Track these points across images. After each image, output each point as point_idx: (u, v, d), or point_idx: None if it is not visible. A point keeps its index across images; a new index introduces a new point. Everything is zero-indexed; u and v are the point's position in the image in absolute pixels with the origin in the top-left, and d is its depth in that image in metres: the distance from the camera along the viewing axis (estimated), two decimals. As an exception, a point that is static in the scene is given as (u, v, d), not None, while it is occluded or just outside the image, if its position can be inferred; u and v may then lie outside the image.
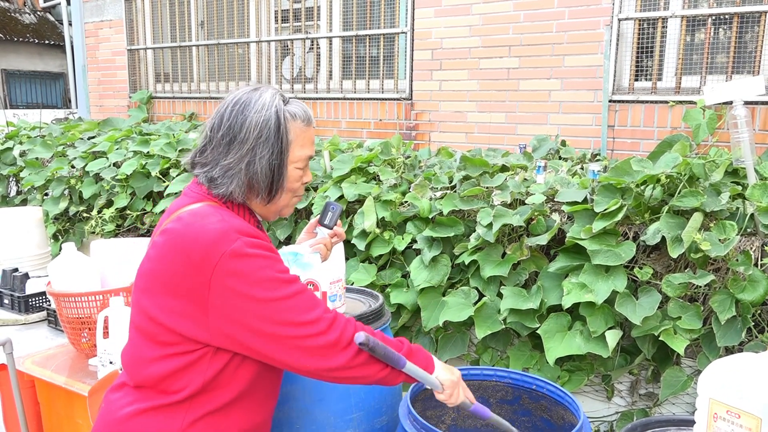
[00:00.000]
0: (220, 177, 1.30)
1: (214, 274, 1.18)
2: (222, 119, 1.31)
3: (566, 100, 3.72)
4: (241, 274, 1.19)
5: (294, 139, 1.34)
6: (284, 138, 1.31)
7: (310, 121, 1.38)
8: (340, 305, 1.84)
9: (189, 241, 1.21)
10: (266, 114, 1.30)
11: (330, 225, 1.58)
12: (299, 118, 1.34)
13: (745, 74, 3.29)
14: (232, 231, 1.21)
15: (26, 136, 4.90)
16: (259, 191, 1.32)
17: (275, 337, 1.21)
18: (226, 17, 5.25)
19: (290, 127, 1.33)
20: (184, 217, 1.26)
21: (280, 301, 1.20)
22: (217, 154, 1.30)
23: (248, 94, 1.32)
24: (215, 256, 1.18)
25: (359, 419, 1.75)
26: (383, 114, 4.44)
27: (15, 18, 11.37)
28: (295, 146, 1.34)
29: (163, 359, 1.25)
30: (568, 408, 1.67)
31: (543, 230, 2.44)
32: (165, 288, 1.23)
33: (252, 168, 1.29)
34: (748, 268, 2.06)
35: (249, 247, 1.21)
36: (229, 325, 1.21)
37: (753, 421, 1.25)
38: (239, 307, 1.19)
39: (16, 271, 2.86)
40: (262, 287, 1.19)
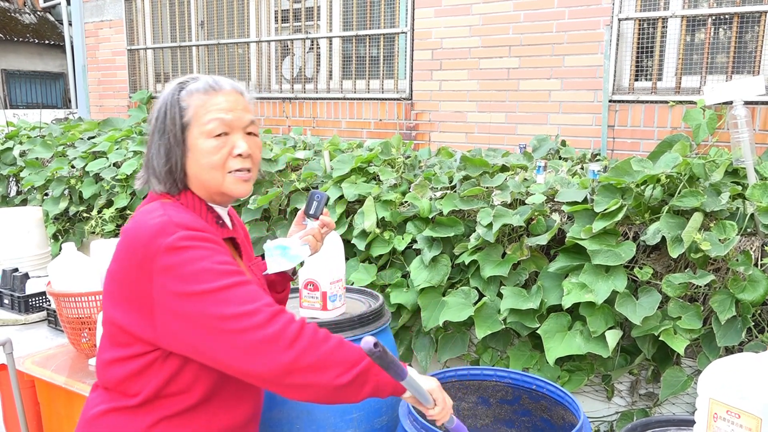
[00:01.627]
0: (142, 171, 1.32)
1: (153, 271, 1.15)
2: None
3: (566, 100, 3.72)
4: (174, 268, 1.14)
5: (195, 113, 1.26)
6: (177, 118, 1.26)
7: (214, 88, 1.29)
8: (340, 305, 1.84)
9: (132, 239, 1.19)
10: (160, 102, 1.29)
11: (315, 214, 1.52)
12: (197, 91, 1.28)
13: (745, 74, 3.29)
14: (170, 225, 1.18)
15: (26, 136, 4.89)
16: (160, 177, 1.28)
17: (211, 333, 1.12)
18: (226, 17, 5.25)
19: (187, 104, 1.27)
20: (134, 216, 1.27)
21: (214, 293, 1.13)
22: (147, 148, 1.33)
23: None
24: (153, 252, 1.15)
25: (359, 419, 1.75)
26: (383, 114, 4.44)
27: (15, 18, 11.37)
28: (197, 118, 1.26)
29: (120, 361, 1.24)
30: (568, 408, 1.67)
31: (543, 230, 2.44)
32: (119, 288, 1.21)
33: (150, 154, 1.29)
34: (748, 268, 2.06)
35: (185, 240, 1.16)
36: (171, 323, 1.15)
37: (753, 421, 1.25)
38: (175, 304, 1.14)
39: (16, 271, 2.86)
40: (195, 280, 1.13)
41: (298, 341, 1.13)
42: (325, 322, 1.76)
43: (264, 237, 3.18)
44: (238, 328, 1.11)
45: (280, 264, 1.47)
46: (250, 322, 1.12)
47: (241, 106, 1.32)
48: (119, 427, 1.25)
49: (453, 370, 1.85)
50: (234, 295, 1.14)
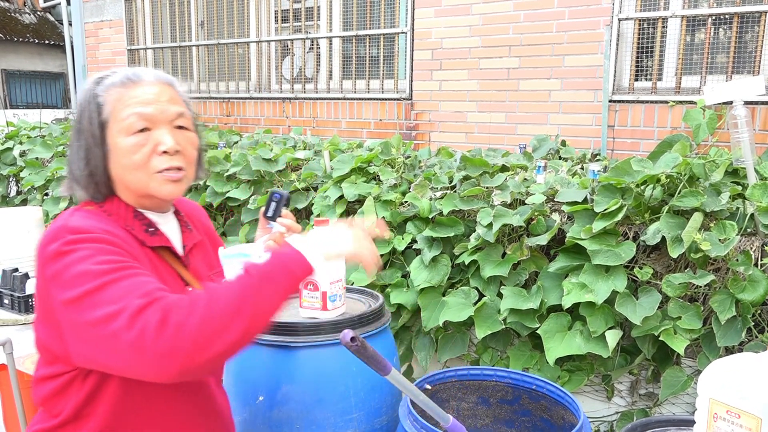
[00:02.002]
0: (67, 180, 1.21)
1: (46, 281, 1.06)
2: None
3: (566, 100, 3.72)
4: (58, 275, 1.04)
5: (113, 109, 1.15)
6: (94, 117, 1.15)
7: (132, 80, 1.17)
8: (340, 305, 1.84)
9: (36, 250, 1.11)
10: (78, 99, 1.20)
11: (273, 217, 1.39)
12: (114, 85, 1.16)
13: (745, 74, 3.29)
14: (62, 230, 1.08)
15: (26, 136, 4.89)
16: (79, 180, 1.18)
17: (90, 341, 1.01)
18: (226, 17, 5.25)
19: (104, 100, 1.15)
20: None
21: (89, 296, 1.01)
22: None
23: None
24: (43, 261, 1.07)
25: (359, 419, 1.75)
26: (383, 114, 4.44)
27: (15, 18, 11.37)
28: (116, 114, 1.15)
29: (46, 379, 1.16)
30: (568, 408, 1.67)
31: (543, 230, 2.44)
32: (37, 304, 1.14)
33: (68, 158, 1.20)
34: (748, 268, 2.06)
35: (68, 245, 1.05)
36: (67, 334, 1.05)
37: (753, 421, 1.25)
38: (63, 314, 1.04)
39: (16, 271, 2.86)
40: (72, 284, 1.02)
41: (161, 334, 0.96)
42: (324, 322, 1.76)
43: (264, 237, 3.18)
44: (107, 333, 0.98)
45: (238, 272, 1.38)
46: (114, 324, 0.98)
47: (166, 97, 1.19)
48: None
49: (453, 370, 1.85)
50: (106, 296, 1.00)
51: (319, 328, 1.75)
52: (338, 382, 1.72)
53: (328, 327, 1.75)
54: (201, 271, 1.33)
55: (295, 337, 1.72)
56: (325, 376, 1.72)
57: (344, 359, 1.74)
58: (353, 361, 1.74)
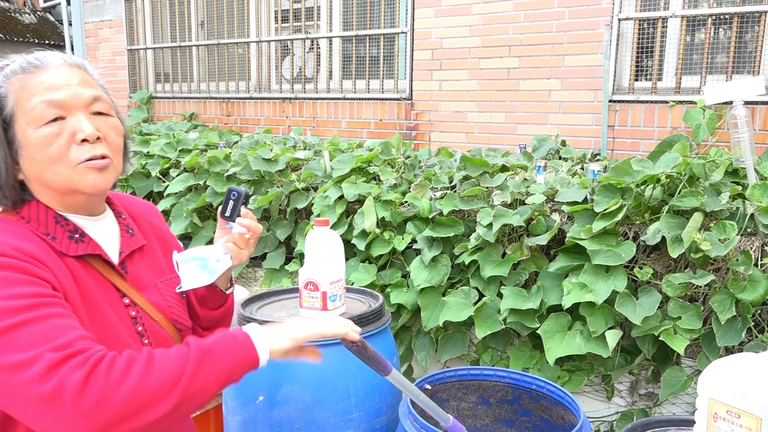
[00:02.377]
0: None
1: None
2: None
3: (566, 100, 3.72)
4: None
5: (18, 99, 1.02)
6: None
7: (35, 66, 1.06)
8: (340, 305, 1.84)
9: None
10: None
11: (231, 217, 1.25)
12: (14, 72, 1.05)
13: (745, 74, 3.29)
14: None
15: (26, 136, 4.89)
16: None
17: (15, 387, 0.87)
18: (226, 17, 5.25)
19: (6, 90, 1.03)
20: None
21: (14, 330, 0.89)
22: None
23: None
24: None
25: (359, 419, 1.75)
26: (383, 114, 4.44)
27: (15, 18, 11.37)
28: (21, 105, 1.02)
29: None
30: (568, 408, 1.67)
31: (543, 230, 2.44)
32: None
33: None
34: (748, 268, 2.06)
35: None
36: None
37: (753, 421, 1.25)
38: None
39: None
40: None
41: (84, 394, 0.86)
42: (325, 322, 1.76)
43: (264, 237, 3.18)
44: (19, 381, 0.87)
45: (198, 278, 1.24)
46: (27, 373, 0.86)
47: (77, 80, 1.07)
48: None
49: (453, 370, 1.85)
50: (19, 338, 0.89)
51: (319, 328, 1.74)
52: (338, 382, 1.72)
53: (328, 327, 1.75)
54: (144, 279, 1.20)
55: (295, 337, 1.72)
56: (325, 376, 1.72)
57: (344, 359, 1.74)
58: (353, 361, 1.74)
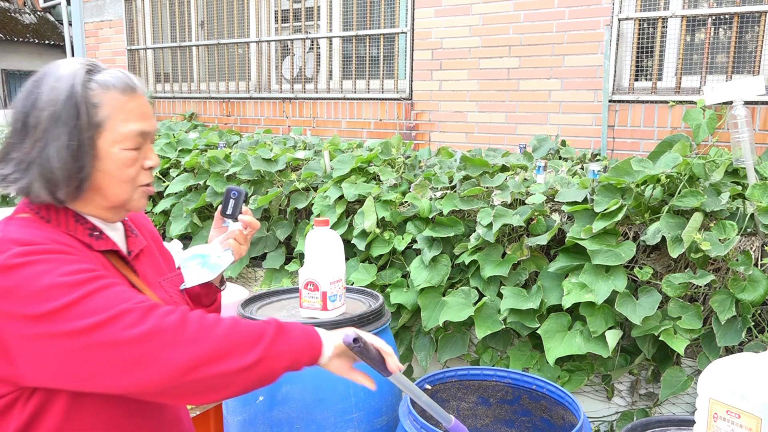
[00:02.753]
0: (11, 173, 1.07)
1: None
2: (17, 102, 1.07)
3: (566, 100, 3.72)
4: (13, 291, 0.94)
5: (111, 114, 1.07)
6: (87, 113, 1.05)
7: (132, 89, 1.11)
8: (340, 305, 1.84)
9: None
10: (59, 86, 1.05)
11: (233, 215, 1.34)
12: (114, 88, 1.08)
13: (745, 74, 3.29)
14: (3, 243, 0.99)
15: (26, 136, 4.89)
16: (58, 183, 1.06)
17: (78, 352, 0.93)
18: (226, 17, 5.25)
19: (101, 100, 1.07)
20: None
21: (67, 309, 0.94)
22: (8, 146, 1.07)
23: (45, 69, 1.09)
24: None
25: (359, 419, 1.75)
26: (383, 114, 4.44)
27: (15, 18, 11.37)
28: (114, 122, 1.08)
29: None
30: (568, 408, 1.67)
31: (543, 230, 2.44)
32: None
33: (44, 154, 1.04)
34: (748, 268, 2.06)
35: (18, 257, 0.96)
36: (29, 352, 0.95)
37: (753, 421, 1.25)
38: (28, 330, 0.94)
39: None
40: (40, 300, 0.94)
41: (182, 333, 0.96)
42: (325, 322, 1.76)
43: (264, 237, 3.18)
44: (109, 338, 0.93)
45: (200, 275, 1.32)
46: (120, 325, 0.94)
47: (151, 111, 1.16)
48: None
49: (453, 370, 1.85)
50: (93, 305, 0.95)
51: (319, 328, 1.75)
52: (338, 382, 1.72)
53: (328, 327, 1.75)
54: (150, 277, 1.25)
55: (295, 337, 1.72)
56: (325, 376, 1.70)
57: (344, 359, 1.74)
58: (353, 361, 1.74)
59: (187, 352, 0.95)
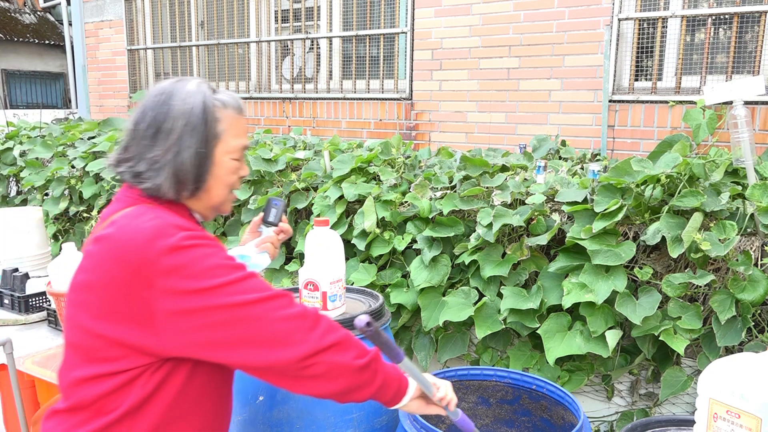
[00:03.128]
0: (146, 171, 1.22)
1: (154, 274, 1.09)
2: (145, 111, 1.24)
3: (566, 100, 3.72)
4: (182, 268, 1.10)
5: (227, 128, 1.27)
6: (212, 126, 1.25)
7: (241, 109, 1.32)
8: (340, 305, 1.84)
9: (124, 244, 1.12)
10: (192, 101, 1.23)
11: (275, 222, 1.52)
12: (230, 107, 1.29)
13: (745, 74, 3.29)
14: (168, 226, 1.13)
15: (26, 136, 4.89)
16: (186, 183, 1.24)
17: (235, 323, 1.10)
18: (226, 17, 5.25)
19: (221, 115, 1.26)
20: (117, 221, 1.18)
21: (232, 285, 1.11)
22: (141, 148, 1.23)
23: (172, 85, 1.26)
24: (153, 255, 1.09)
25: (359, 419, 1.75)
26: (383, 114, 4.44)
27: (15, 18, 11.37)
28: (228, 136, 1.28)
29: (100, 378, 1.15)
30: (568, 408, 1.67)
31: (543, 230, 2.44)
32: (105, 299, 1.13)
33: (179, 158, 1.22)
34: (748, 268, 2.06)
35: (188, 240, 1.12)
36: (181, 324, 1.10)
37: (753, 421, 1.25)
38: (189, 302, 1.09)
39: (16, 271, 2.86)
40: (208, 276, 1.10)
41: (320, 322, 1.15)
42: (325, 322, 1.76)
43: (264, 237, 3.18)
44: (264, 313, 1.12)
45: None
46: (275, 304, 1.13)
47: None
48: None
49: (453, 370, 1.85)
50: (251, 285, 1.14)
51: (319, 328, 1.75)
52: (338, 382, 1.72)
53: (328, 327, 1.75)
54: None
55: (295, 337, 1.72)
56: (325, 376, 1.72)
57: (344, 359, 1.74)
58: (353, 361, 1.74)
59: (324, 337, 1.13)
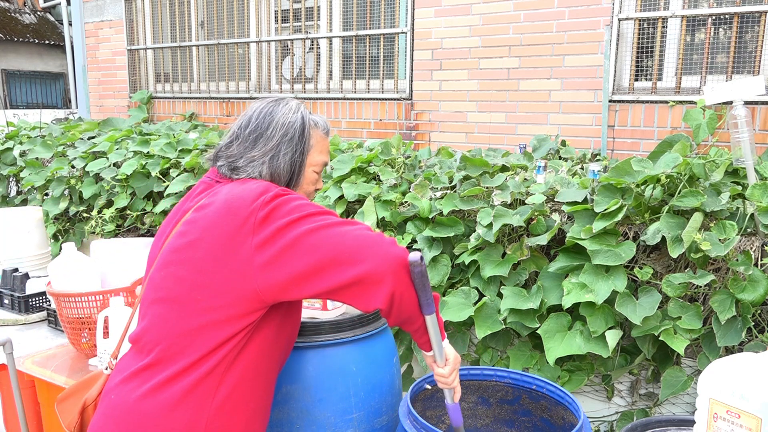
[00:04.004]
0: (243, 166, 1.44)
1: (258, 220, 1.26)
2: (250, 119, 1.47)
3: (566, 100, 3.72)
4: (283, 205, 1.29)
5: (314, 145, 1.50)
6: (307, 141, 1.48)
7: (328, 131, 1.56)
8: (340, 305, 1.84)
9: (238, 200, 1.30)
10: (293, 117, 1.47)
11: None
12: (320, 128, 1.53)
13: (745, 74, 3.29)
14: (271, 186, 1.36)
15: (26, 136, 4.89)
16: (279, 183, 1.44)
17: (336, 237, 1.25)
18: (226, 17, 5.25)
19: (312, 132, 1.50)
20: (222, 190, 1.37)
21: (325, 214, 1.30)
22: (243, 148, 1.45)
23: (276, 101, 1.50)
24: (260, 204, 1.28)
25: (359, 419, 1.75)
26: (383, 114, 4.44)
27: (15, 18, 11.37)
28: (315, 151, 1.51)
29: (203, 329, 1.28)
30: (568, 408, 1.67)
31: (543, 230, 2.44)
32: (213, 251, 1.28)
33: (275, 162, 1.44)
34: (748, 268, 2.06)
35: (283, 192, 1.34)
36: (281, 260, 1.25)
37: (753, 421, 1.25)
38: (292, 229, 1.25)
39: (16, 271, 2.86)
40: (304, 209, 1.29)
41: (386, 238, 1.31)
42: (325, 322, 1.76)
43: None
44: (357, 230, 1.27)
45: None
46: (353, 226, 1.29)
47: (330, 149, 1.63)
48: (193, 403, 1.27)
49: (453, 370, 1.84)
50: (331, 217, 1.31)
51: (319, 328, 1.75)
52: (338, 382, 1.72)
53: (328, 327, 1.76)
54: None
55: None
56: (325, 376, 1.72)
57: (344, 359, 1.74)
58: (353, 361, 1.74)
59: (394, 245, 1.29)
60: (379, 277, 1.25)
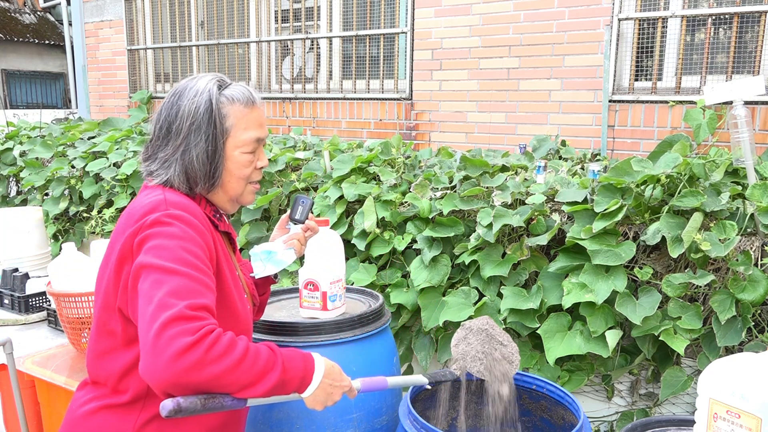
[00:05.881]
0: (157, 170, 1.30)
1: (135, 245, 1.17)
2: (161, 112, 1.31)
3: (566, 100, 3.72)
4: (147, 240, 1.16)
5: (235, 123, 1.30)
6: (218, 123, 1.28)
7: (252, 102, 1.33)
8: (341, 305, 1.84)
9: (127, 216, 1.23)
10: (198, 100, 1.28)
11: (302, 219, 1.56)
12: (238, 101, 1.31)
13: (745, 74, 3.29)
14: (164, 203, 1.21)
15: (26, 136, 4.89)
16: (197, 180, 1.30)
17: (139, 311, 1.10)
18: (226, 17, 5.25)
19: (227, 111, 1.30)
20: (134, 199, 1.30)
21: (159, 271, 1.11)
22: (156, 147, 1.31)
23: (185, 84, 1.32)
24: (140, 227, 1.17)
25: (359, 419, 1.75)
26: (383, 114, 4.44)
27: (15, 18, 11.37)
28: (237, 130, 1.31)
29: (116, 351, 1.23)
30: (568, 408, 1.67)
31: (543, 230, 2.44)
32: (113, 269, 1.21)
33: (187, 156, 1.28)
34: (748, 268, 2.06)
35: (170, 218, 1.18)
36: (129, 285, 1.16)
37: (753, 421, 1.25)
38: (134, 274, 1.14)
39: (16, 271, 2.86)
40: (154, 253, 1.13)
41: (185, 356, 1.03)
42: (325, 322, 1.76)
43: (264, 237, 3.18)
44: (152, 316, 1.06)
45: (267, 269, 1.52)
46: (162, 315, 1.05)
47: (265, 120, 1.37)
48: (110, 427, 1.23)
49: (453, 370, 1.84)
50: (172, 283, 1.09)
51: (319, 328, 1.75)
52: (338, 382, 1.72)
53: (328, 327, 1.75)
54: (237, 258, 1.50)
55: (295, 337, 1.72)
56: (325, 376, 1.71)
57: (344, 359, 1.74)
58: (353, 361, 1.74)
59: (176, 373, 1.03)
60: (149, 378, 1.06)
